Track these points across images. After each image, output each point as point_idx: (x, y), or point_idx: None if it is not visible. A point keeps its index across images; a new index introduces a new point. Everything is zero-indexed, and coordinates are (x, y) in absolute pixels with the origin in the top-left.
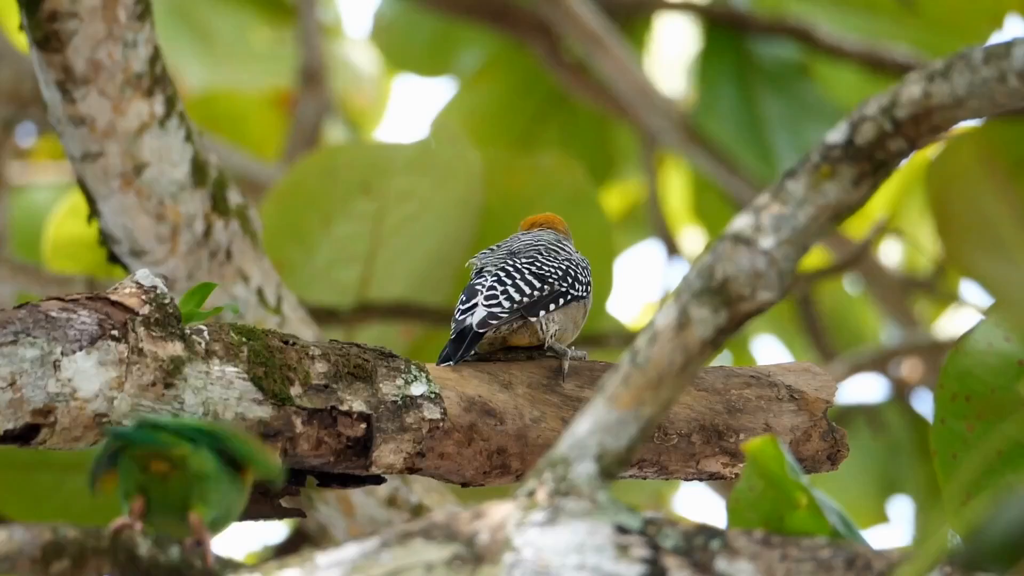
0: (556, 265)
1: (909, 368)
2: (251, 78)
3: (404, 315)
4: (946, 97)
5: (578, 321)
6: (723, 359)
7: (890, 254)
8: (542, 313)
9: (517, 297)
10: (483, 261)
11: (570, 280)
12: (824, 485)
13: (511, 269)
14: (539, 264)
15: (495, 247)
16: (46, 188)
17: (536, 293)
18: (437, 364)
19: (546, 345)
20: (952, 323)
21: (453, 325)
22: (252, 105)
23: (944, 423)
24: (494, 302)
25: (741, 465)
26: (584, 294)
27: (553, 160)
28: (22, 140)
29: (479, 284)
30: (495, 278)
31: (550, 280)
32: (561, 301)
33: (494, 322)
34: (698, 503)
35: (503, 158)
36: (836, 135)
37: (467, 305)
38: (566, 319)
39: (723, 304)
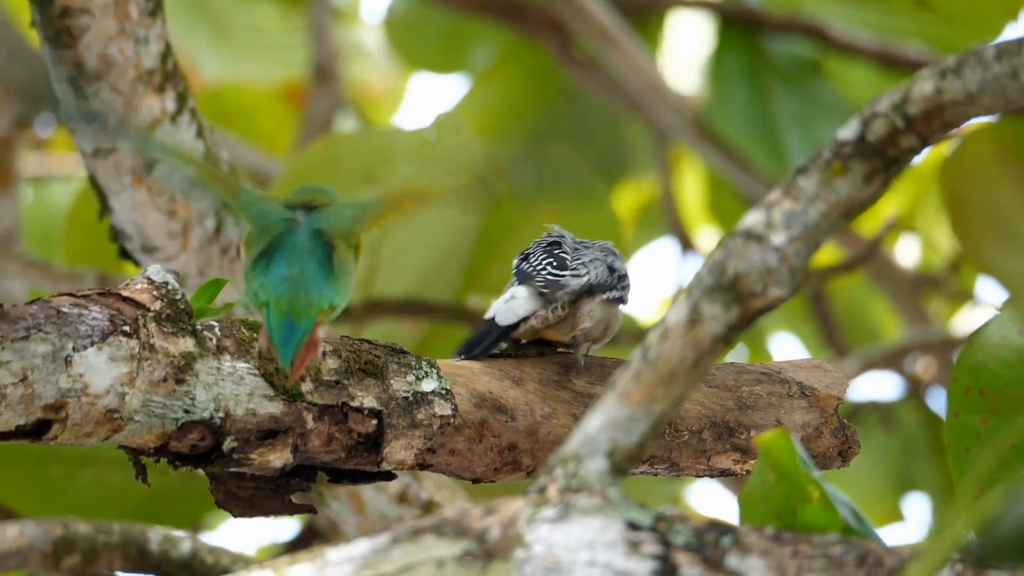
0: (604, 260)
1: (924, 366)
2: (266, 68)
3: (412, 311)
4: (958, 94)
5: (611, 327)
6: (740, 354)
7: (906, 251)
8: (586, 302)
9: (573, 280)
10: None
11: (618, 282)
12: (839, 482)
13: (560, 254)
14: (590, 256)
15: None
16: (63, 180)
17: (586, 279)
18: (461, 354)
19: (575, 335)
20: (967, 320)
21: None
22: (263, 99)
23: (957, 417)
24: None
25: (752, 462)
26: (625, 301)
27: (561, 152)
28: (41, 131)
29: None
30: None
31: (598, 271)
32: (608, 295)
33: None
34: (712, 498)
35: (509, 150)
36: (847, 131)
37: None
38: (602, 319)
39: (734, 301)
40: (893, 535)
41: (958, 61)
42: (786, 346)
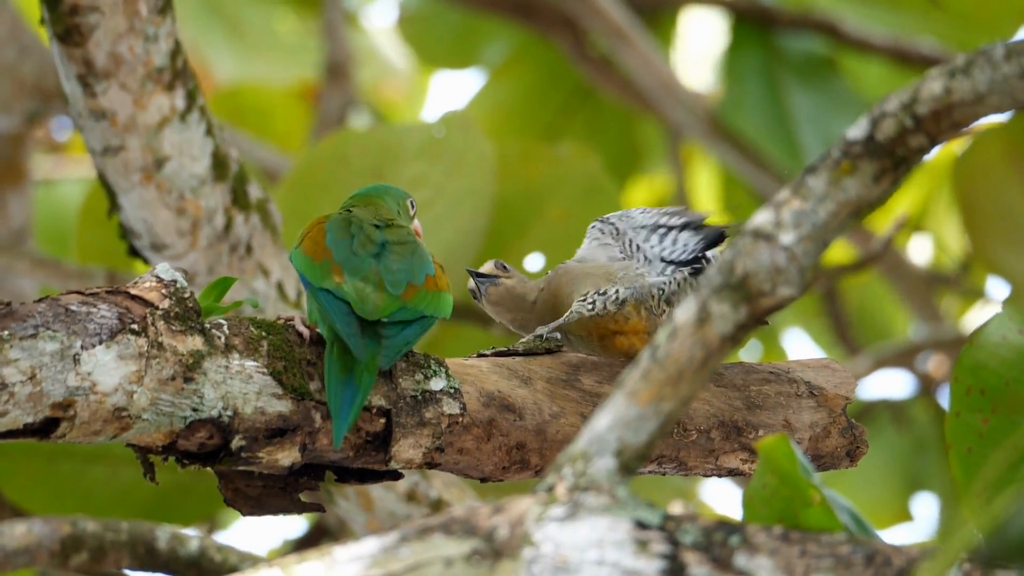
0: None
1: (935, 364)
2: (281, 70)
3: None
4: (967, 93)
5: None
6: (754, 351)
7: (918, 250)
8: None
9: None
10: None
11: None
12: (849, 481)
13: None
14: None
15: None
16: (77, 182)
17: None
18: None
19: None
20: (979, 319)
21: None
22: (278, 98)
23: (959, 416)
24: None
25: None
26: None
27: (570, 150)
28: (57, 134)
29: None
30: None
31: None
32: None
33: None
34: (726, 491)
35: (519, 147)
36: (856, 131)
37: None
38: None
39: (743, 300)
40: (901, 535)
41: (967, 61)
42: (798, 343)
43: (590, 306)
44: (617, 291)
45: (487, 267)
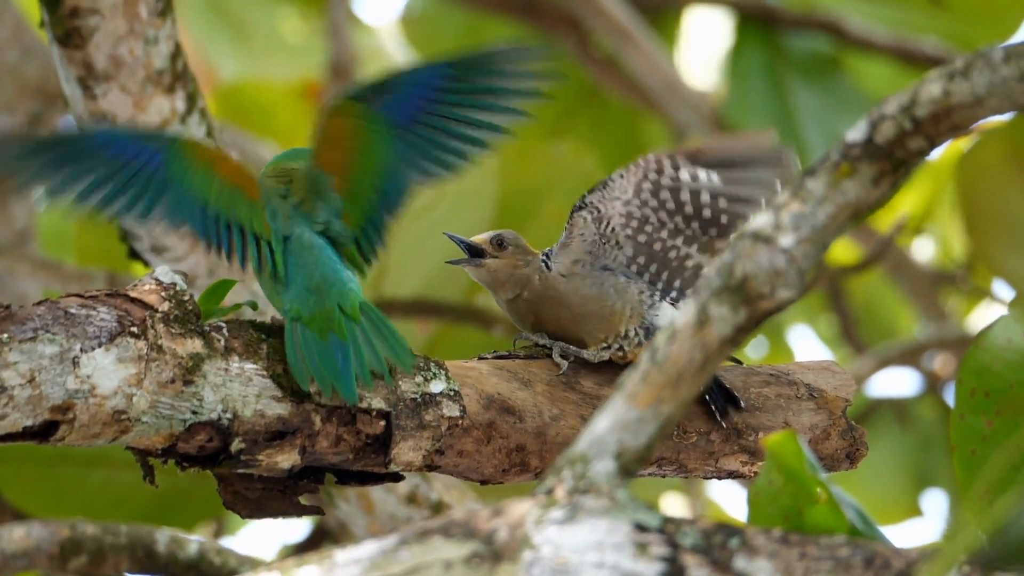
0: None
1: (942, 362)
2: (285, 71)
3: (422, 311)
4: (966, 96)
5: None
6: (760, 347)
7: (924, 248)
8: None
9: None
10: None
11: None
12: (859, 478)
13: None
14: None
15: None
16: None
17: None
18: None
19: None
20: (984, 317)
21: None
22: (280, 96)
23: (963, 419)
24: None
25: (760, 463)
26: None
27: (566, 148)
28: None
29: None
30: None
31: None
32: None
33: None
34: (729, 488)
35: (516, 146)
36: (856, 133)
37: None
38: None
39: (742, 302)
40: (912, 531)
41: (966, 63)
42: (804, 341)
43: (619, 352)
44: (637, 333)
45: (484, 236)
